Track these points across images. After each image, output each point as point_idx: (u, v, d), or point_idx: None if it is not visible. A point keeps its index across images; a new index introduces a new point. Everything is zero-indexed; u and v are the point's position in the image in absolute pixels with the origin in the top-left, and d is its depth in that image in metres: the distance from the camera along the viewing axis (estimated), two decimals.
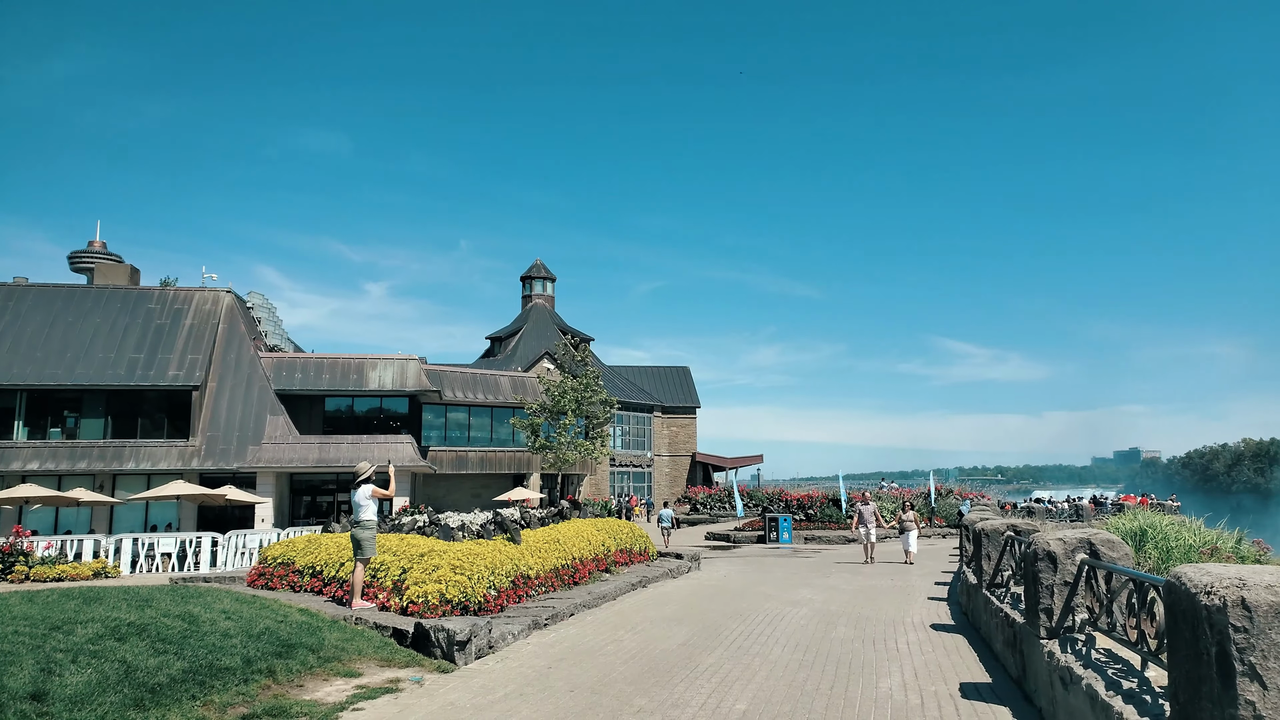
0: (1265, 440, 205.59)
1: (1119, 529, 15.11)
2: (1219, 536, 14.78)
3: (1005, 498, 69.51)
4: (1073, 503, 49.34)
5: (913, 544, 22.03)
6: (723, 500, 50.25)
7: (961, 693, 8.08)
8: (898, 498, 38.48)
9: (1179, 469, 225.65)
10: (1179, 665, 4.14)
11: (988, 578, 11.28)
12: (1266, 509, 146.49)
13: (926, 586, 17.12)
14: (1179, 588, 4.10)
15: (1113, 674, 5.94)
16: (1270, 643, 3.58)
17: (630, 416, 61.69)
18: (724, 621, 12.39)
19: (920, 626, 12.02)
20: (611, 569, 16.93)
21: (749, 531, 33.34)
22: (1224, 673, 3.65)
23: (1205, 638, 3.82)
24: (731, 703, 7.75)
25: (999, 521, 11.96)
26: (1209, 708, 3.78)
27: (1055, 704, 6.79)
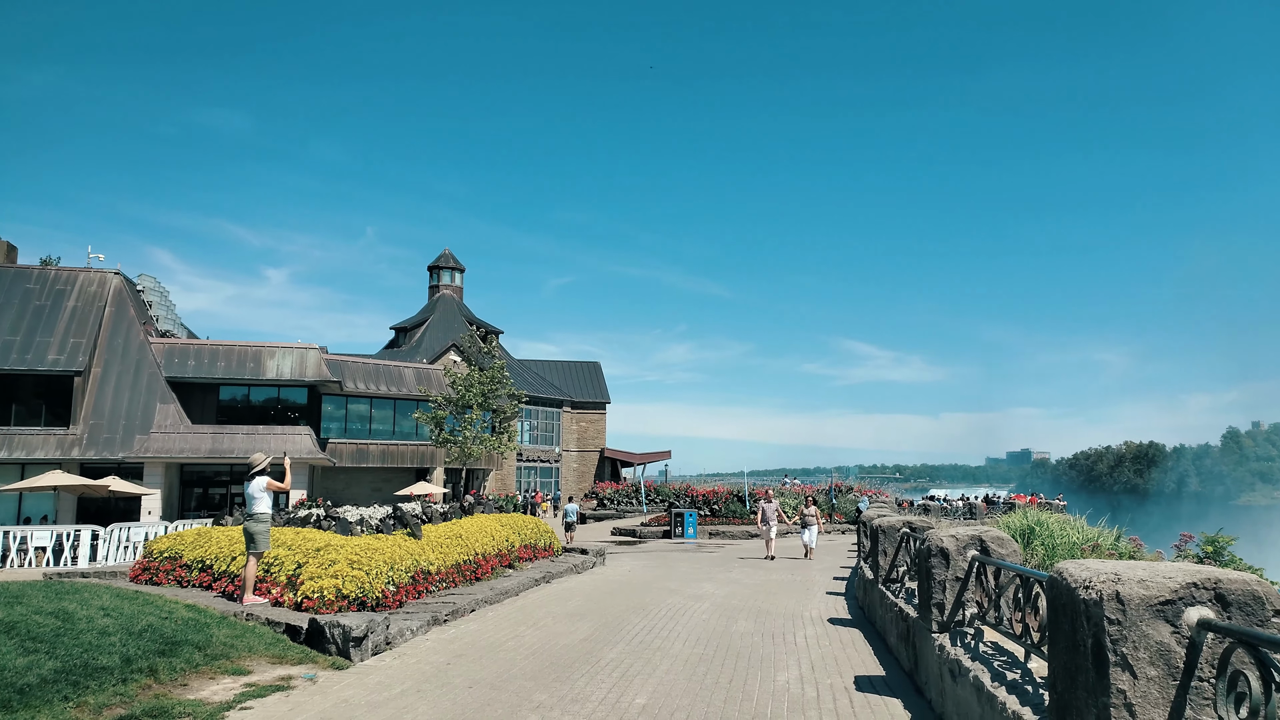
0: (1144, 443, 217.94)
1: (1009, 526, 15.75)
2: (1100, 534, 15.55)
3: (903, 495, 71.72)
4: (967, 501, 51.23)
5: (813, 539, 22.53)
6: (630, 496, 50.44)
7: (856, 685, 8.29)
8: (800, 494, 39.28)
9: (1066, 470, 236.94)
10: (1058, 656, 4.32)
11: (884, 573, 11.59)
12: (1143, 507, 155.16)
13: (825, 581, 17.52)
14: (1060, 583, 4.27)
15: (999, 666, 6.17)
16: (1141, 634, 3.76)
17: (539, 411, 61.33)
18: (627, 616, 12.42)
19: (818, 620, 12.29)
20: (515, 564, 16.79)
21: (655, 527, 33.55)
22: (1098, 663, 3.81)
23: (1083, 630, 3.98)
24: (632, 697, 7.76)
25: (895, 519, 12.32)
26: (1084, 696, 3.95)
27: (944, 696, 7.02)
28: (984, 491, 73.14)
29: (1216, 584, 3.83)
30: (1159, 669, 3.74)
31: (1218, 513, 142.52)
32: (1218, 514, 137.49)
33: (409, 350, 59.83)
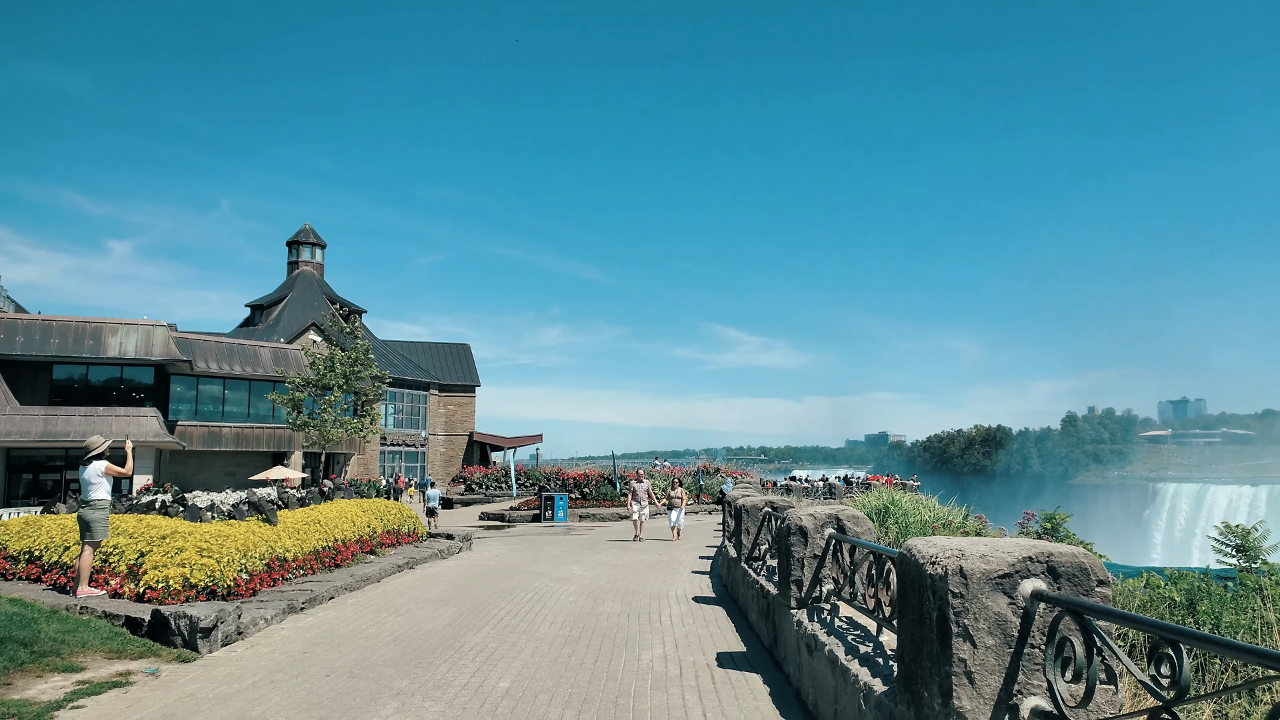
0: (992, 427, 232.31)
1: (865, 506, 16.51)
2: (950, 512, 16.52)
3: (767, 476, 74.01)
4: (827, 481, 53.20)
5: (680, 520, 22.92)
6: (499, 480, 49.97)
7: (718, 662, 8.48)
8: (669, 476, 39.88)
9: (920, 451, 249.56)
10: (906, 629, 4.53)
11: (746, 551, 11.90)
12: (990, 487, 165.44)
13: (692, 561, 17.87)
14: (909, 559, 4.47)
15: (852, 640, 6.43)
16: (981, 606, 3.98)
17: (404, 394, 59.86)
18: (493, 600, 12.30)
19: (683, 599, 12.52)
20: (377, 551, 16.35)
21: (525, 511, 33.37)
22: (942, 634, 4.02)
23: (929, 603, 4.19)
24: (496, 680, 7.70)
25: (758, 498, 12.66)
26: (929, 666, 4.16)
27: (801, 670, 7.27)
28: (843, 472, 76.32)
29: (1049, 558, 4.10)
30: (996, 638, 3.98)
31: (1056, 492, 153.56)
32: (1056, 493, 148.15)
33: (266, 329, 57.20)
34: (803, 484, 50.47)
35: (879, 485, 29.78)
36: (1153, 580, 10.26)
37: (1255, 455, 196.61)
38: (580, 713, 6.72)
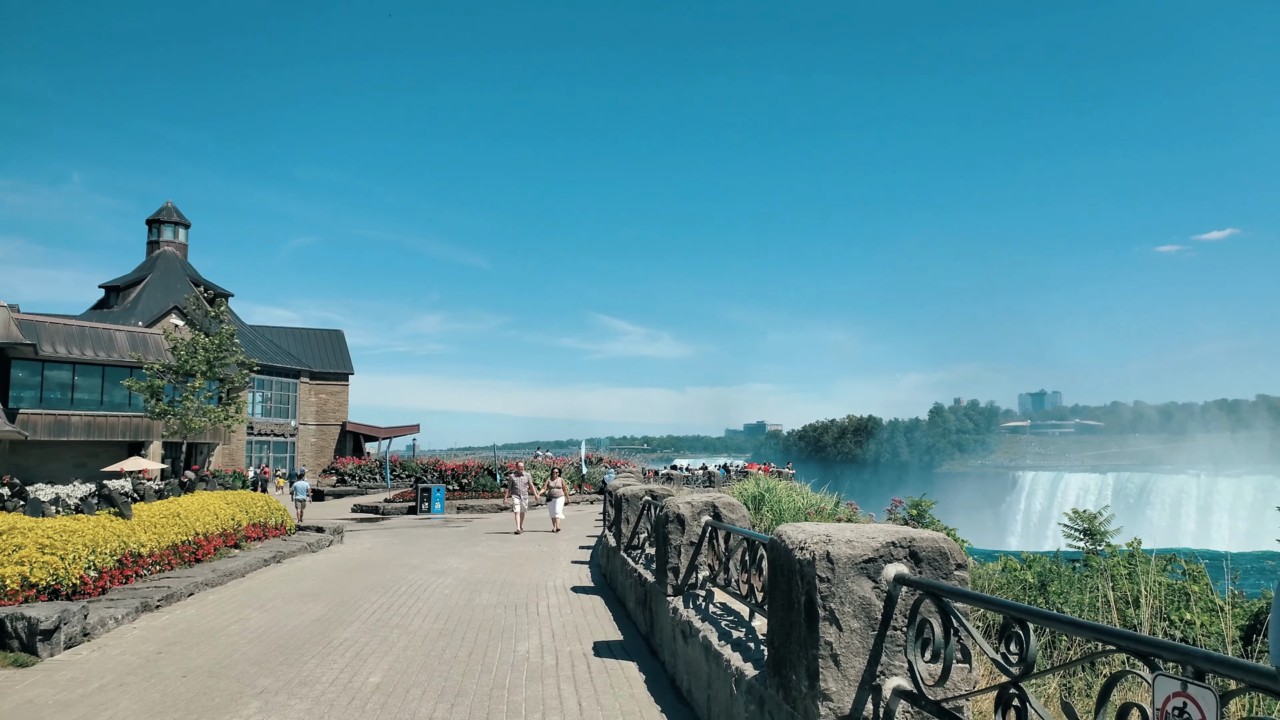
0: (864, 417, 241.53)
1: (742, 493, 16.86)
2: (822, 499, 17.05)
3: (650, 465, 74.68)
4: (707, 470, 54.02)
5: (559, 511, 22.82)
6: (374, 471, 48.65)
7: (595, 651, 8.48)
8: (550, 466, 39.72)
9: (796, 441, 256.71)
10: (776, 614, 4.62)
11: (626, 540, 11.96)
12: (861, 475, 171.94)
13: (571, 551, 17.84)
14: (779, 544, 4.56)
15: (726, 625, 6.53)
16: (847, 590, 4.09)
17: (273, 381, 57.50)
18: (365, 595, 11.95)
19: (562, 590, 12.47)
20: (242, 544, 15.65)
21: (400, 503, 32.58)
22: (810, 618, 4.11)
23: (798, 588, 4.28)
24: (366, 676, 7.47)
25: (639, 488, 12.73)
26: (797, 649, 4.25)
27: (676, 656, 7.35)
28: (723, 461, 77.78)
29: (911, 542, 4.25)
30: (861, 621, 4.10)
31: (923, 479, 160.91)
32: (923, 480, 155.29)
33: (123, 312, 53.84)
34: (684, 473, 51.14)
35: (756, 473, 30.44)
36: (1010, 563, 10.81)
37: (1103, 445, 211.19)
38: (453, 706, 6.60)
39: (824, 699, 4.00)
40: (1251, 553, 36.02)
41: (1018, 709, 3.25)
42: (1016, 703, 3.26)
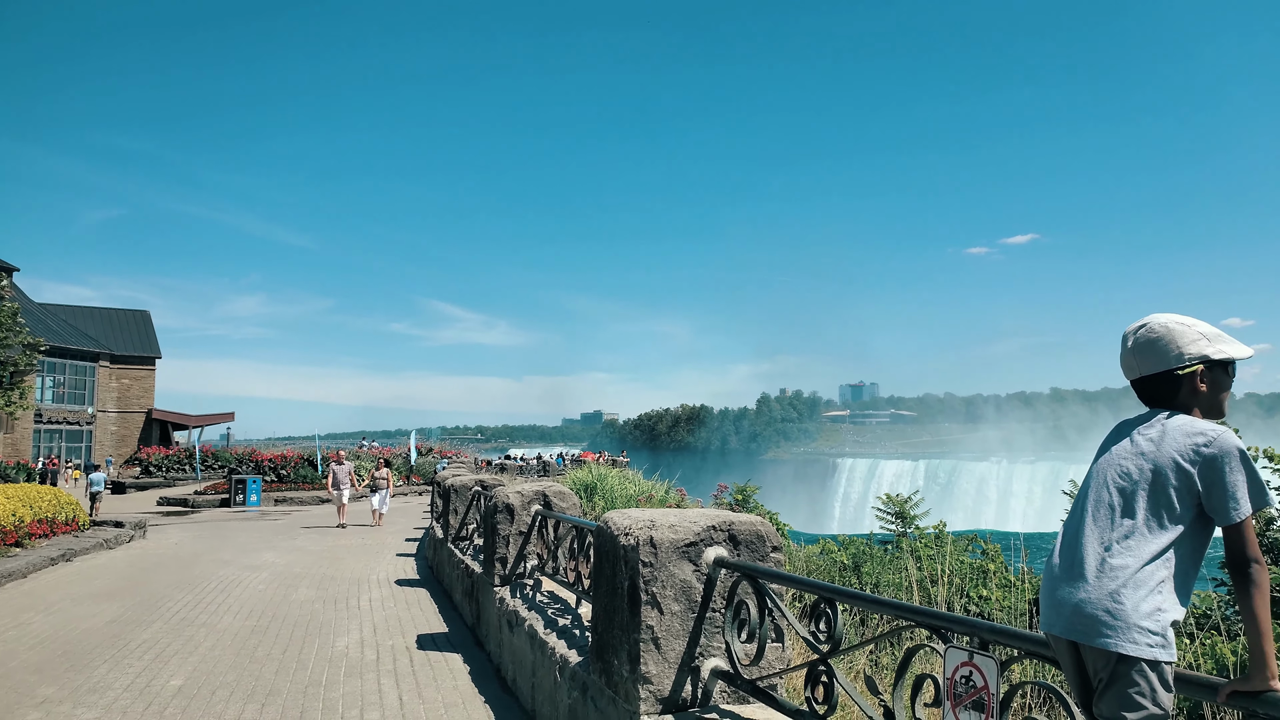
0: (696, 406, 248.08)
1: (575, 482, 16.86)
2: (654, 486, 17.31)
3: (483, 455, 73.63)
4: (542, 460, 53.90)
5: (384, 503, 22.04)
6: (183, 462, 45.54)
7: (418, 644, 8.26)
8: (377, 457, 38.44)
9: (632, 429, 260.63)
10: (601, 600, 4.63)
11: (454, 531, 11.72)
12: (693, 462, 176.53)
13: (397, 544, 17.33)
14: (605, 531, 4.57)
15: (552, 614, 6.50)
16: (669, 574, 4.14)
17: (67, 365, 52.67)
18: (168, 593, 11.14)
19: (385, 583, 12.09)
20: (25, 542, 14.25)
21: (212, 495, 30.65)
22: (633, 602, 4.14)
23: (621, 573, 4.30)
24: (166, 679, 6.96)
25: (469, 478, 12.50)
26: (619, 634, 4.27)
27: (502, 647, 7.26)
28: (559, 450, 77.83)
29: (730, 526, 4.35)
30: (682, 604, 4.16)
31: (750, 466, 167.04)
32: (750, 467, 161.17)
33: None
34: (518, 463, 50.81)
35: (591, 462, 30.64)
36: (828, 546, 11.33)
37: (916, 433, 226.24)
38: (264, 706, 6.24)
39: (644, 682, 4.04)
40: (1042, 533, 39.58)
41: (825, 684, 3.39)
42: (825, 679, 3.40)
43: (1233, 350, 2.28)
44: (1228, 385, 2.29)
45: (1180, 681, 2.09)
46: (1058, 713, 2.93)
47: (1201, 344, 2.26)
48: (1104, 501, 2.19)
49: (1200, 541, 2.13)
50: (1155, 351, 2.30)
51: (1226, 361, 2.27)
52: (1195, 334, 2.27)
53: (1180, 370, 2.26)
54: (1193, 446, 2.11)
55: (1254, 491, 2.05)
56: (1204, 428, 2.14)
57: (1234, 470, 2.06)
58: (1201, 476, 2.09)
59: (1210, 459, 2.08)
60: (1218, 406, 2.27)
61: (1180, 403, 2.26)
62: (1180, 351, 2.26)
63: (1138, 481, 2.16)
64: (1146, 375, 2.32)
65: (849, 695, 3.24)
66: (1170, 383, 2.28)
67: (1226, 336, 2.30)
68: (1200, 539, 2.13)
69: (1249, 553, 2.02)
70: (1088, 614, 2.10)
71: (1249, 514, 2.03)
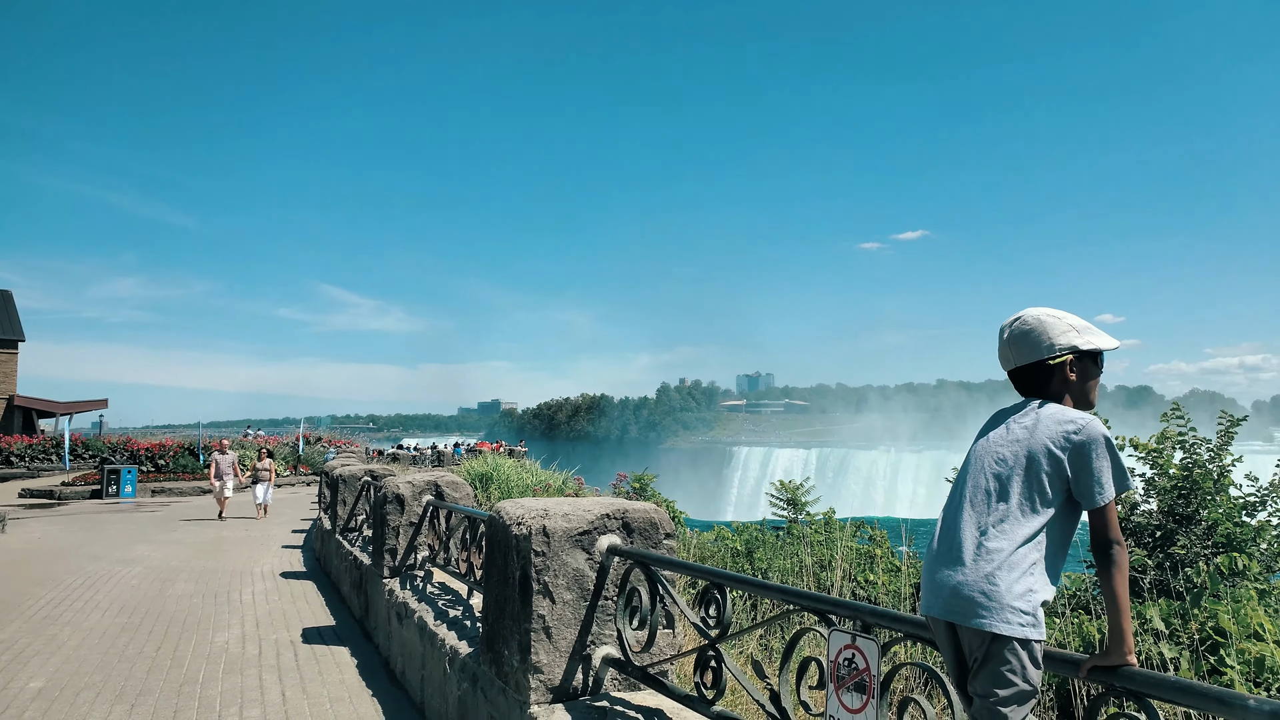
0: (596, 395, 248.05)
1: (470, 472, 16.62)
2: (551, 476, 17.20)
3: (375, 445, 71.96)
4: (436, 449, 52.94)
5: (267, 495, 21.21)
6: (49, 451, 42.88)
7: (303, 638, 8.00)
8: (261, 446, 37.07)
9: (530, 419, 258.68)
10: (492, 590, 4.56)
11: (342, 522, 11.39)
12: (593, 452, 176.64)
13: (283, 535, 16.76)
14: (497, 521, 4.50)
15: (443, 605, 6.38)
16: (561, 563, 4.11)
17: None
18: (29, 590, 10.47)
19: (270, 576, 11.66)
20: None
21: (82, 486, 28.97)
22: (524, 592, 4.09)
23: (513, 563, 4.24)
24: (25, 681, 6.54)
25: (358, 467, 12.16)
26: (510, 624, 4.22)
27: (391, 639, 7.10)
28: (454, 440, 76.67)
29: (624, 514, 4.35)
30: (574, 593, 4.14)
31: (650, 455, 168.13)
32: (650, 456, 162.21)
33: None
34: (411, 453, 49.80)
35: (487, 452, 30.25)
36: (723, 533, 11.49)
37: (809, 422, 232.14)
38: (134, 707, 5.93)
39: (535, 671, 4.01)
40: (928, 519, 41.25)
41: (714, 669, 3.43)
42: (714, 664, 3.43)
43: (1100, 341, 2.36)
44: (1097, 375, 2.38)
45: (1046, 659, 2.18)
46: (937, 693, 3.03)
47: (1071, 335, 2.34)
48: (980, 487, 2.27)
49: (1069, 525, 2.22)
50: (1028, 343, 2.38)
51: (1095, 352, 2.36)
52: (1065, 326, 2.36)
53: (1051, 360, 2.34)
54: (1063, 434, 2.20)
55: (1117, 477, 2.15)
56: (1074, 416, 2.23)
57: (1100, 457, 2.15)
58: (1071, 462, 2.18)
59: (1079, 446, 2.17)
60: (1087, 395, 2.37)
61: (1052, 392, 2.35)
62: (1051, 342, 2.34)
63: (1012, 467, 2.24)
64: (1020, 366, 2.41)
65: (737, 679, 3.28)
66: (1042, 373, 2.37)
67: (1095, 329, 2.38)
68: (1069, 522, 2.22)
69: (1111, 535, 2.12)
70: (964, 596, 2.16)
71: (1112, 498, 2.14)
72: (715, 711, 3.34)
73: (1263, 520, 8.08)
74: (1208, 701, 1.85)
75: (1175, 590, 7.13)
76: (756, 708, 4.24)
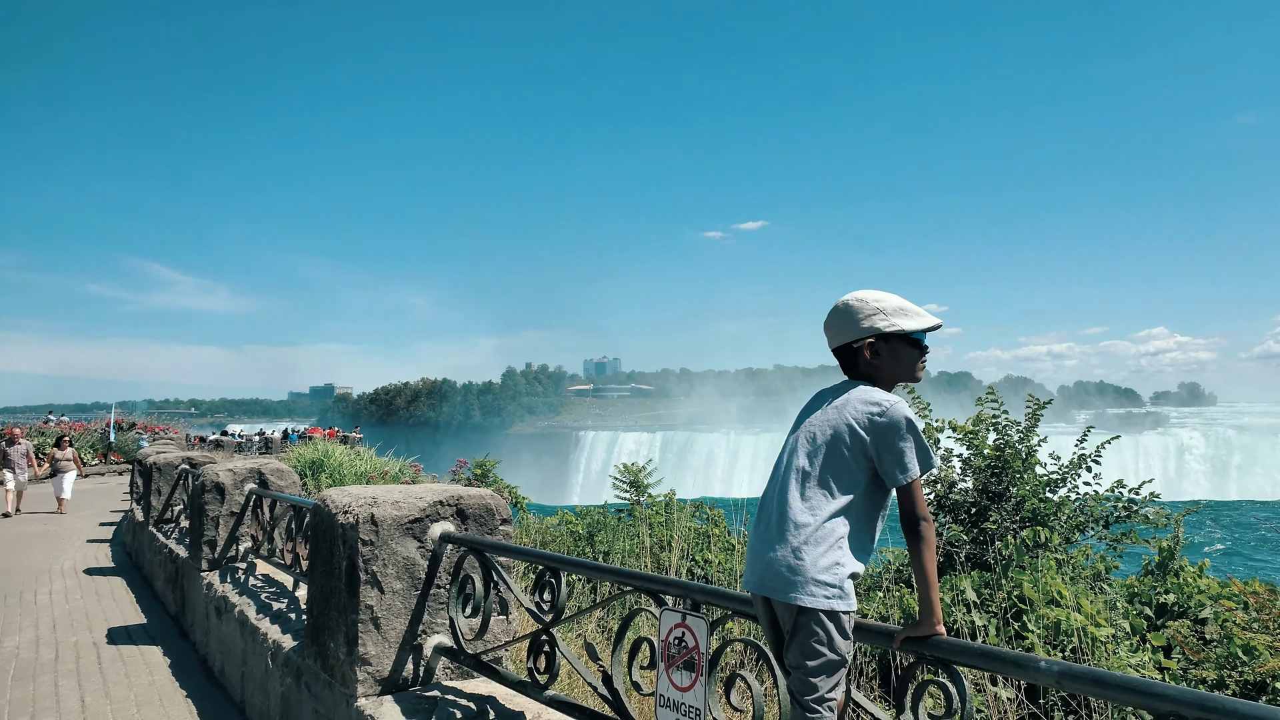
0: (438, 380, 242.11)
1: (300, 459, 15.88)
2: (388, 463, 16.67)
3: (197, 432, 67.62)
4: (264, 436, 50.43)
5: (67, 488, 19.48)
6: None
7: (109, 639, 7.41)
8: (62, 434, 34.14)
9: (367, 404, 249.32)
10: (318, 581, 4.35)
11: (157, 513, 10.64)
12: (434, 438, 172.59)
13: (89, 529, 15.49)
14: (323, 509, 4.30)
15: (266, 598, 6.05)
16: (391, 552, 3.96)
17: None
18: None
19: (71, 573, 10.74)
20: None
21: None
22: (351, 582, 3.92)
23: (339, 553, 4.06)
24: None
25: (175, 455, 11.37)
26: (336, 616, 4.04)
27: (209, 635, 6.68)
28: (284, 426, 73.14)
29: (458, 500, 4.24)
30: (404, 582, 4.00)
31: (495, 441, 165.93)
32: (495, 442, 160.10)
33: None
34: (236, 439, 47.21)
35: (320, 439, 29.00)
36: (566, 517, 11.46)
37: (654, 406, 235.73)
38: None
39: (363, 663, 3.85)
40: None
41: (547, 654, 3.39)
42: (547, 648, 3.40)
43: (907, 324, 2.39)
44: (909, 356, 2.42)
45: (861, 630, 2.27)
46: (764, 668, 3.11)
47: (876, 318, 2.39)
48: (795, 465, 2.32)
49: (876, 501, 2.31)
50: (839, 326, 2.45)
51: (902, 334, 2.40)
52: (872, 309, 2.40)
53: (855, 343, 2.42)
54: (868, 415, 2.27)
55: (921, 457, 2.24)
56: (879, 398, 2.30)
57: (902, 438, 2.23)
58: (874, 443, 2.25)
59: (882, 427, 2.24)
60: (896, 376, 2.42)
61: (862, 373, 2.42)
62: (856, 325, 2.41)
63: (821, 446, 2.30)
64: (836, 347, 2.48)
65: (570, 663, 3.26)
66: (851, 354, 2.44)
67: (910, 310, 2.42)
68: (876, 499, 2.31)
69: (917, 512, 2.22)
70: (775, 570, 2.22)
71: (915, 477, 2.22)
72: (548, 696, 3.31)
73: (1063, 496, 8.78)
74: (1005, 664, 1.97)
75: (987, 563, 7.64)
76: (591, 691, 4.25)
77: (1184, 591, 7.31)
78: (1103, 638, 5.65)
